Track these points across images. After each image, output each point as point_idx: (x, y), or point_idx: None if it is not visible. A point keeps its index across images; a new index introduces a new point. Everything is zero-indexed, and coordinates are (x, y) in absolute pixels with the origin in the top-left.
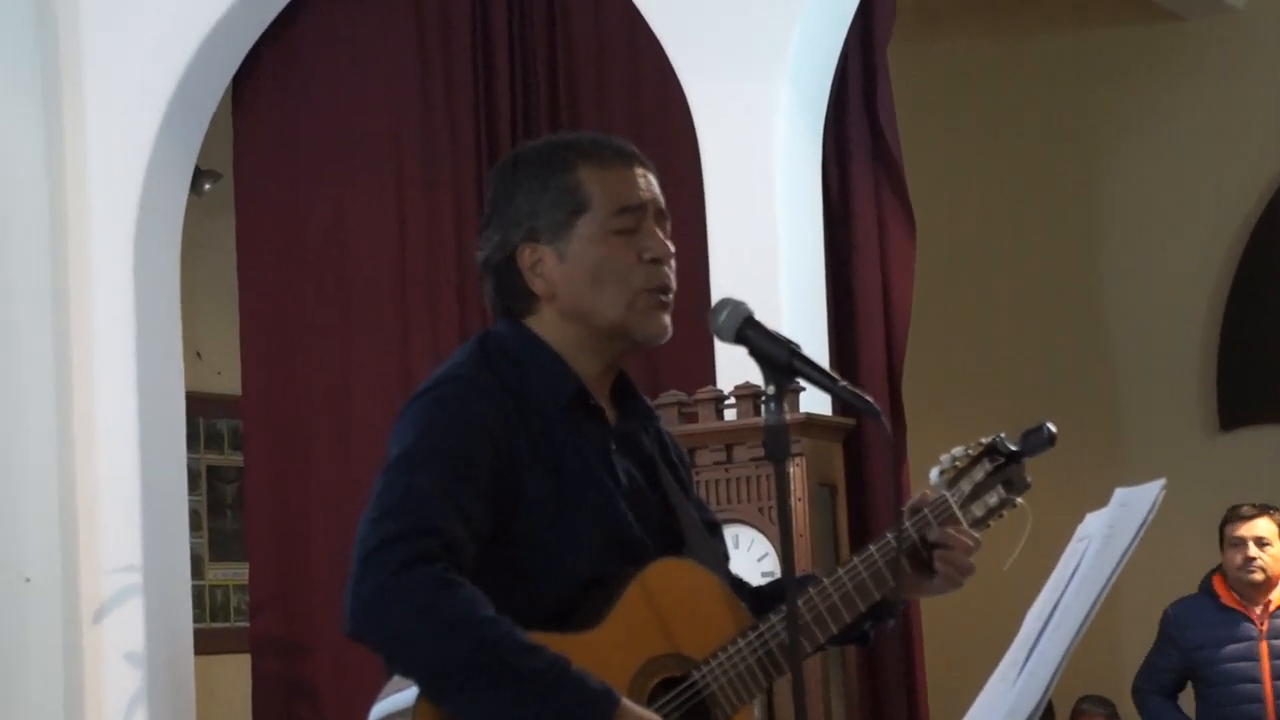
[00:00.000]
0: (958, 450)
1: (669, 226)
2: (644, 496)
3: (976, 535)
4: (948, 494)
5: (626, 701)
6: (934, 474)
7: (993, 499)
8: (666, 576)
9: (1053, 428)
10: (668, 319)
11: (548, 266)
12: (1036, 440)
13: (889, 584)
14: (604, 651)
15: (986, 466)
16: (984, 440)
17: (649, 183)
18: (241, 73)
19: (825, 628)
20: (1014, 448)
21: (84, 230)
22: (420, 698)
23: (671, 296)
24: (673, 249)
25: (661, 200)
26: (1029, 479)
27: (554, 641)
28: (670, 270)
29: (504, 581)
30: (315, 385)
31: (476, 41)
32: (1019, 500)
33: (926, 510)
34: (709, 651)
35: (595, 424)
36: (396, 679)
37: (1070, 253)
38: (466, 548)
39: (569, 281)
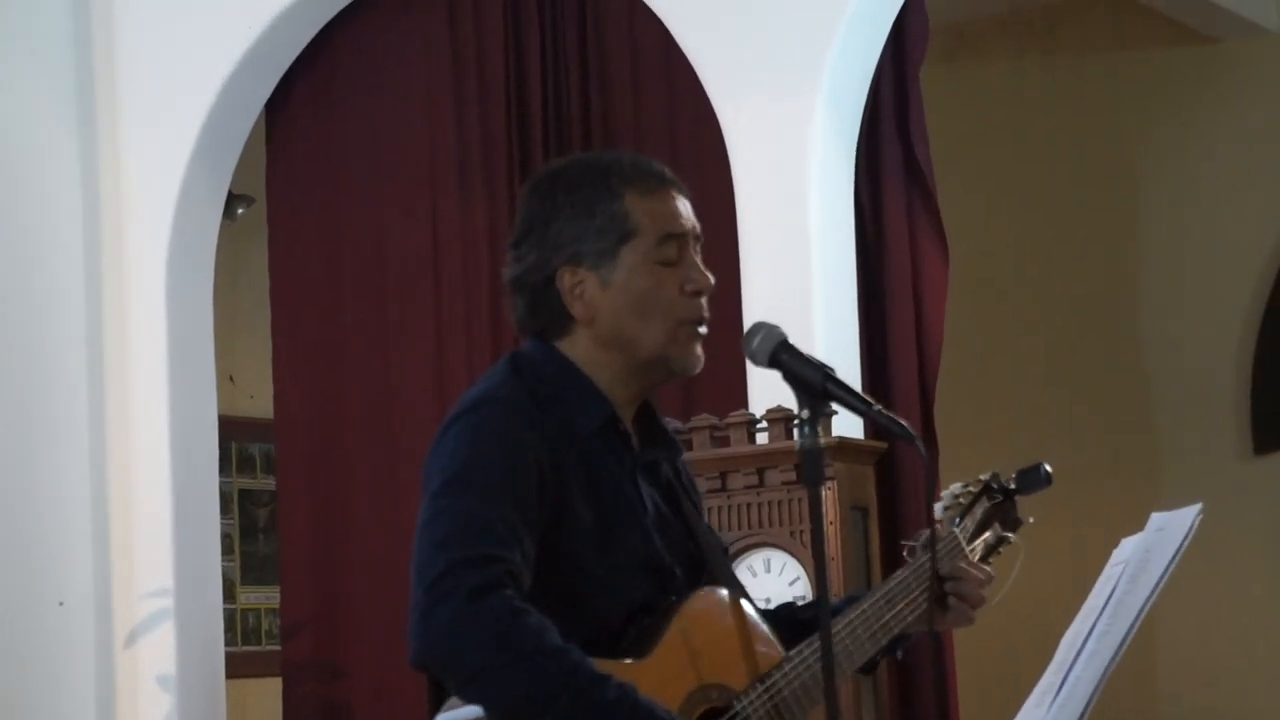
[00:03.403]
0: (957, 486)
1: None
2: (668, 523)
3: (987, 569)
4: (956, 529)
5: None
6: (939, 509)
7: (990, 536)
8: (710, 607)
9: (1049, 468)
10: (701, 350)
11: (590, 291)
12: (1033, 479)
13: (907, 619)
14: (654, 681)
15: (985, 503)
16: (983, 477)
17: (688, 209)
18: (275, 97)
19: (851, 661)
20: (1010, 485)
21: (117, 254)
22: None
23: (706, 328)
24: (713, 280)
25: (698, 226)
26: (1023, 518)
27: (612, 670)
28: (706, 301)
29: (552, 609)
30: (349, 408)
31: (509, 65)
32: (1013, 538)
33: (940, 545)
34: (748, 681)
35: (623, 450)
36: None
37: (1104, 275)
38: (525, 575)
39: (611, 309)
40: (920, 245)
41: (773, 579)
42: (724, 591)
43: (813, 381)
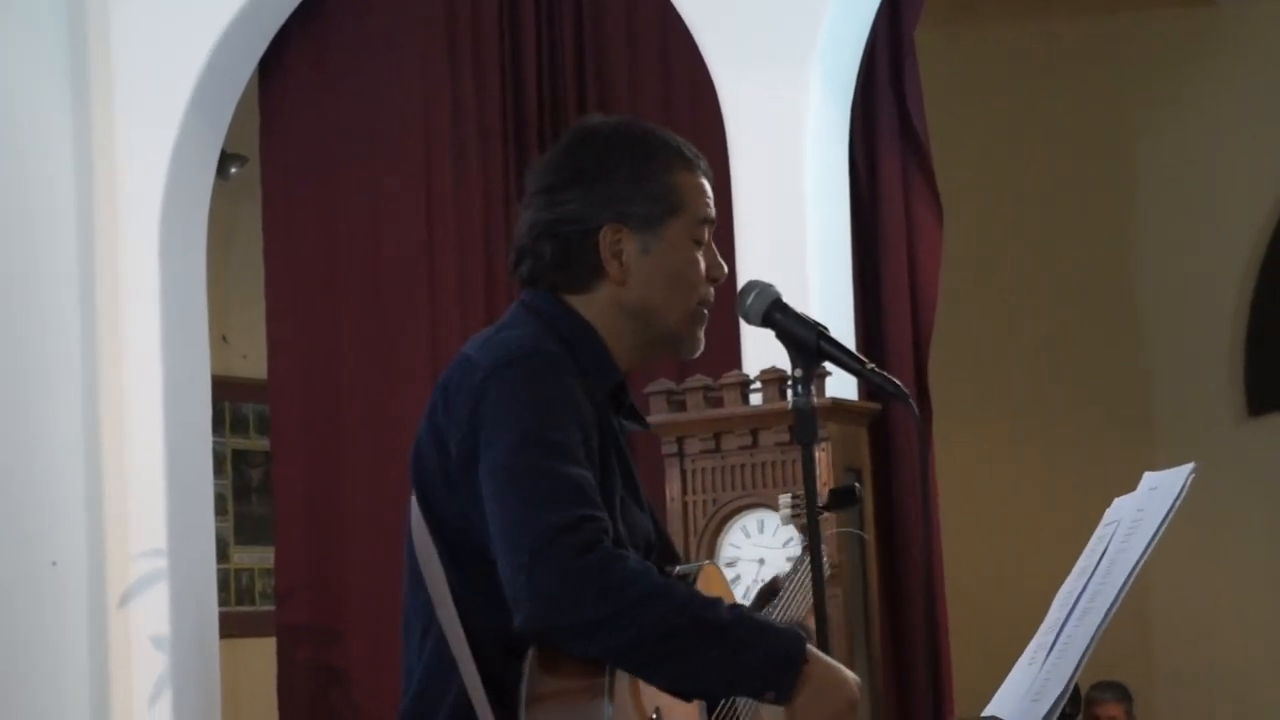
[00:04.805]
0: (788, 498)
1: None
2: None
3: None
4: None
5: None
6: (784, 515)
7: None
8: (713, 578)
9: (859, 487)
10: (702, 337)
11: (628, 253)
12: (845, 498)
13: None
14: None
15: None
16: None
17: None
18: (268, 55)
19: None
20: (821, 504)
21: (111, 213)
22: (610, 675)
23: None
24: (726, 270)
25: None
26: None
27: None
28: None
29: None
30: (341, 369)
31: (504, 24)
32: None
33: (805, 561)
34: None
35: (614, 417)
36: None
37: (1101, 238)
38: (611, 529)
39: (645, 275)
40: (914, 204)
41: (766, 540)
42: (720, 567)
43: (806, 340)
